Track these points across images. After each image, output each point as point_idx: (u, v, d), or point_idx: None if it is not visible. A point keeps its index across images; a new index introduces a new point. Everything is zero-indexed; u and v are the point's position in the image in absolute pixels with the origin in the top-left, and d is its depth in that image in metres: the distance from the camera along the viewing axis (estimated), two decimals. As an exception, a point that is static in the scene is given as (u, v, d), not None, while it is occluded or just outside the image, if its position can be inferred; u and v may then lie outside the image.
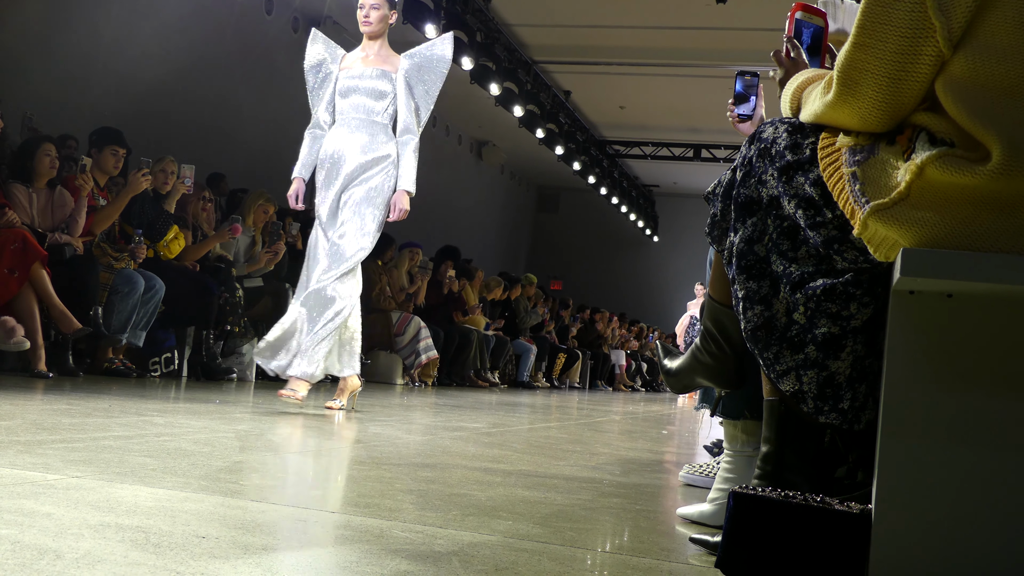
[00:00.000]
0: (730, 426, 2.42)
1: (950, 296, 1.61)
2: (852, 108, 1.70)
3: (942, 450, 1.60)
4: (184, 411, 4.20)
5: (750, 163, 1.91)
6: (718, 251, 2.04)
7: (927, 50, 1.61)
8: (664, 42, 12.63)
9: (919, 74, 1.63)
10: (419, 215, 16.12)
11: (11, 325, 5.27)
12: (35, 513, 1.72)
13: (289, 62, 12.22)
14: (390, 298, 9.91)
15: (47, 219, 6.02)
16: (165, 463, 2.50)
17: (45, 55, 8.11)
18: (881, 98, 1.66)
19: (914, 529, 1.60)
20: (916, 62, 1.62)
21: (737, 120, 2.85)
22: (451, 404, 7.05)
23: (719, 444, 3.91)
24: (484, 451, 3.66)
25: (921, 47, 1.61)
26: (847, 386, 1.80)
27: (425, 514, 2.10)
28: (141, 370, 6.52)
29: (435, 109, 5.90)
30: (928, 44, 1.61)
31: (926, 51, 1.61)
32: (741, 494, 1.70)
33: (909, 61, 1.63)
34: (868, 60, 1.66)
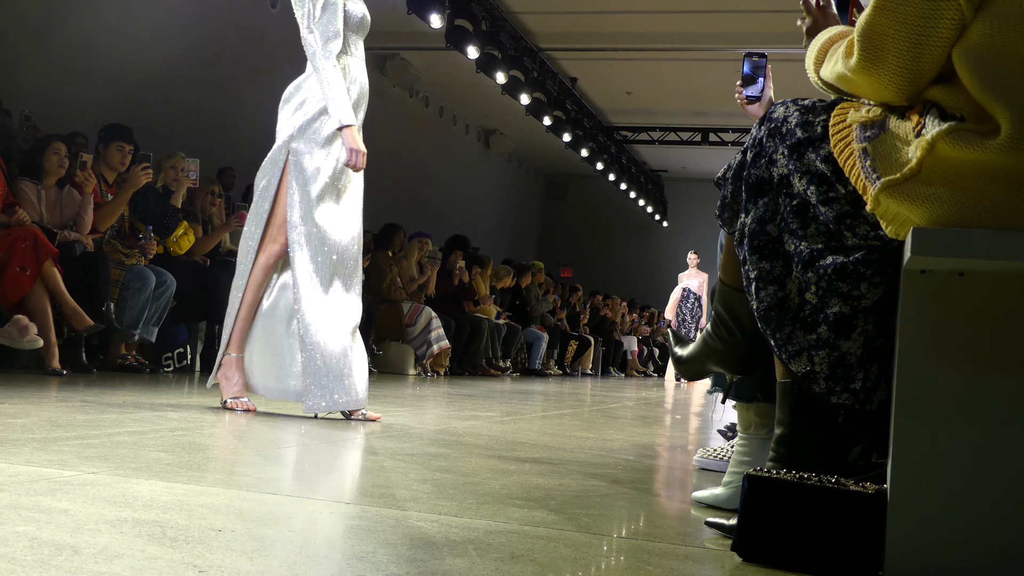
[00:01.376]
0: (743, 409, 2.42)
1: (961, 275, 1.61)
2: (873, 76, 1.68)
3: (956, 429, 1.60)
4: (198, 406, 4.21)
5: (760, 144, 1.91)
6: (729, 233, 2.04)
7: (948, 13, 1.60)
8: (670, 26, 12.58)
9: (940, 38, 1.61)
10: (428, 204, 16.14)
11: (24, 323, 5.28)
12: (52, 509, 1.72)
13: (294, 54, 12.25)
14: (400, 288, 9.92)
15: (56, 216, 6.04)
16: (180, 458, 2.51)
17: (43, 45, 8.10)
18: (902, 64, 1.64)
19: (929, 508, 1.60)
20: (937, 25, 1.60)
21: (745, 102, 2.84)
22: (463, 393, 7.06)
23: (732, 428, 3.91)
24: (497, 439, 3.67)
25: (943, 9, 1.60)
26: (858, 366, 1.79)
27: (440, 503, 2.10)
28: (154, 366, 6.54)
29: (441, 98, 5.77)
30: (950, 7, 1.59)
31: (948, 14, 1.60)
32: (756, 477, 1.70)
33: (931, 25, 1.61)
34: (889, 24, 1.64)
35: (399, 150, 14.95)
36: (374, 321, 9.22)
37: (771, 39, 10.49)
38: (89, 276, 5.92)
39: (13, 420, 3.09)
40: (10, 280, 5.41)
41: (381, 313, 9.58)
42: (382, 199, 13.96)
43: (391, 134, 14.63)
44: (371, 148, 4.34)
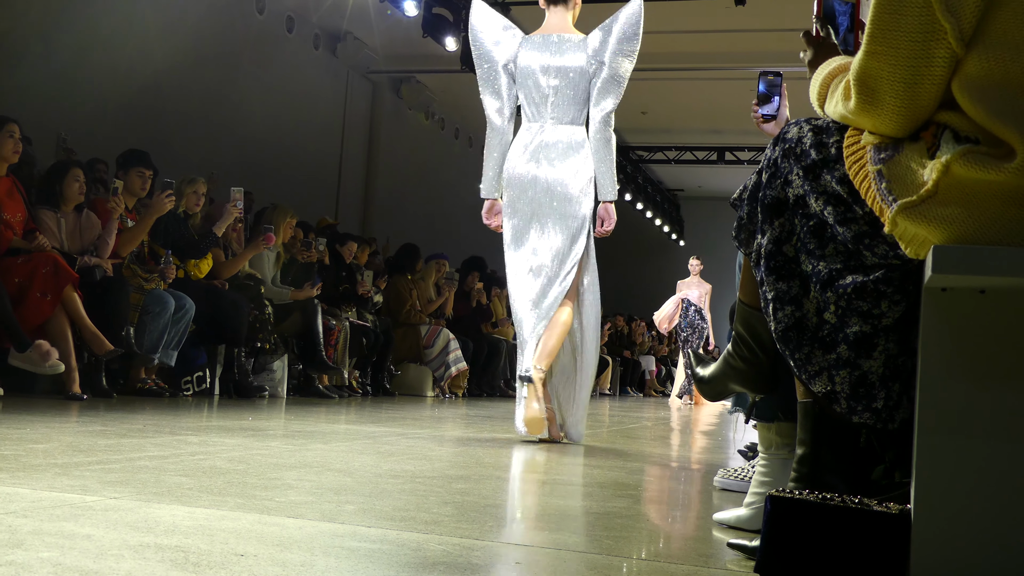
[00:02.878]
0: (764, 429, 2.41)
1: (983, 292, 1.60)
2: (872, 117, 1.69)
3: (980, 447, 1.59)
4: (217, 429, 4.22)
5: (775, 164, 1.91)
6: (745, 254, 2.03)
7: (940, 52, 1.60)
8: (684, 46, 12.60)
9: (935, 76, 1.61)
10: (444, 226, 16.16)
11: (46, 348, 5.31)
12: (75, 535, 1.73)
13: (309, 77, 12.32)
14: (419, 312, 9.93)
15: (76, 242, 6.07)
16: (201, 482, 2.51)
17: (44, 50, 8.16)
18: (900, 104, 1.65)
19: (954, 528, 1.59)
20: (930, 65, 1.61)
21: (761, 121, 2.84)
22: (482, 415, 7.05)
23: (753, 448, 3.89)
24: (517, 461, 3.66)
25: (933, 50, 1.60)
26: (880, 385, 1.79)
27: (461, 526, 2.10)
28: (174, 389, 6.56)
29: (457, 122, 5.86)
30: (940, 46, 1.59)
31: (939, 53, 1.60)
32: (778, 497, 1.70)
33: (923, 65, 1.61)
34: (882, 68, 1.64)
35: (415, 172, 15.00)
36: (392, 343, 9.23)
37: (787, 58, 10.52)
38: (109, 301, 5.95)
39: (35, 445, 3.10)
40: (31, 305, 5.45)
41: (399, 335, 9.60)
42: (398, 221, 14.01)
43: (407, 156, 14.69)
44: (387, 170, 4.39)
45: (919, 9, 1.59)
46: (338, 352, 8.23)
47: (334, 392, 8.06)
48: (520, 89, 4.63)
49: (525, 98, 4.63)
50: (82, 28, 8.55)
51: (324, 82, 12.72)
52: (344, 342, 8.33)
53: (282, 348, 7.51)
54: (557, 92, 4.55)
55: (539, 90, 4.58)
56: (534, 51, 4.60)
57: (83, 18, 8.59)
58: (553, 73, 4.56)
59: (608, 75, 4.57)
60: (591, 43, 4.60)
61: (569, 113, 4.57)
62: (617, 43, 4.58)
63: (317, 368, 7.92)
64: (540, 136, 4.56)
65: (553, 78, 4.56)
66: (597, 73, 4.56)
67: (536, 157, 4.54)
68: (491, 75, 4.68)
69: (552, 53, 4.58)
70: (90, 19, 8.67)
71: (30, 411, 4.50)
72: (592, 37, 4.62)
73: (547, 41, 4.61)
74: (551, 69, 4.56)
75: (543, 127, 4.58)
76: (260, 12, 11.10)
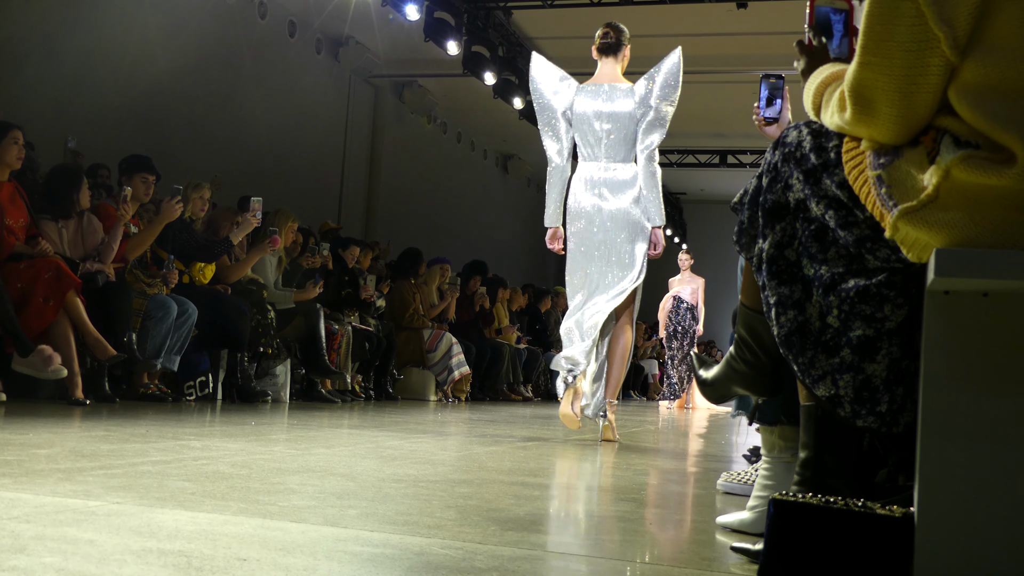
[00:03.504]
0: (767, 432, 2.40)
1: (986, 295, 1.60)
2: (869, 127, 1.68)
3: (984, 450, 1.59)
4: (220, 434, 4.22)
5: (775, 168, 1.90)
6: (747, 259, 2.03)
7: (934, 61, 1.59)
8: (686, 50, 12.52)
9: (930, 85, 1.61)
10: (447, 230, 16.18)
11: (48, 353, 5.32)
12: (78, 540, 1.73)
13: (311, 81, 12.33)
14: (422, 316, 9.93)
15: (77, 248, 6.07)
16: (204, 487, 2.51)
17: (48, 55, 8.18)
18: (896, 113, 1.64)
19: (958, 531, 1.58)
20: (925, 74, 1.60)
21: (764, 124, 2.84)
22: (485, 419, 7.05)
23: (756, 451, 3.89)
24: (520, 465, 3.66)
25: (928, 59, 1.59)
26: (884, 389, 1.78)
27: (464, 530, 2.10)
28: (176, 394, 6.56)
29: (459, 124, 6.03)
30: (934, 55, 1.59)
31: (933, 62, 1.59)
32: (782, 501, 1.69)
33: (918, 74, 1.60)
34: (877, 78, 1.64)
35: (417, 176, 15.01)
36: (395, 348, 9.24)
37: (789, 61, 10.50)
38: (111, 306, 5.95)
39: (38, 450, 3.10)
40: (34, 311, 5.45)
41: (402, 339, 9.60)
42: (401, 225, 14.02)
43: (409, 161, 14.70)
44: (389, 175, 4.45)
45: (912, 19, 1.58)
46: (341, 356, 8.23)
47: (337, 397, 8.06)
48: (576, 132, 5.24)
49: (581, 140, 5.23)
50: (85, 33, 8.57)
51: (326, 86, 12.74)
52: (347, 346, 8.33)
53: (285, 353, 7.52)
54: (609, 135, 5.16)
55: (593, 133, 5.18)
56: (588, 99, 5.22)
57: (86, 23, 8.61)
58: (605, 118, 5.17)
59: (653, 117, 5.16)
60: (638, 91, 5.20)
61: (620, 152, 5.17)
62: (660, 90, 5.19)
63: (320, 373, 7.92)
64: (599, 174, 5.18)
65: (606, 123, 5.16)
66: (643, 116, 5.15)
67: (599, 192, 5.16)
68: (551, 121, 5.28)
69: (604, 100, 5.18)
70: (93, 24, 8.68)
71: (33, 416, 4.50)
72: (638, 85, 5.21)
73: (599, 90, 5.22)
74: (603, 115, 5.17)
75: (600, 166, 5.18)
76: (262, 17, 11.12)
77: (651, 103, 5.15)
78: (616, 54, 5.32)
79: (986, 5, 1.58)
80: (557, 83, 5.36)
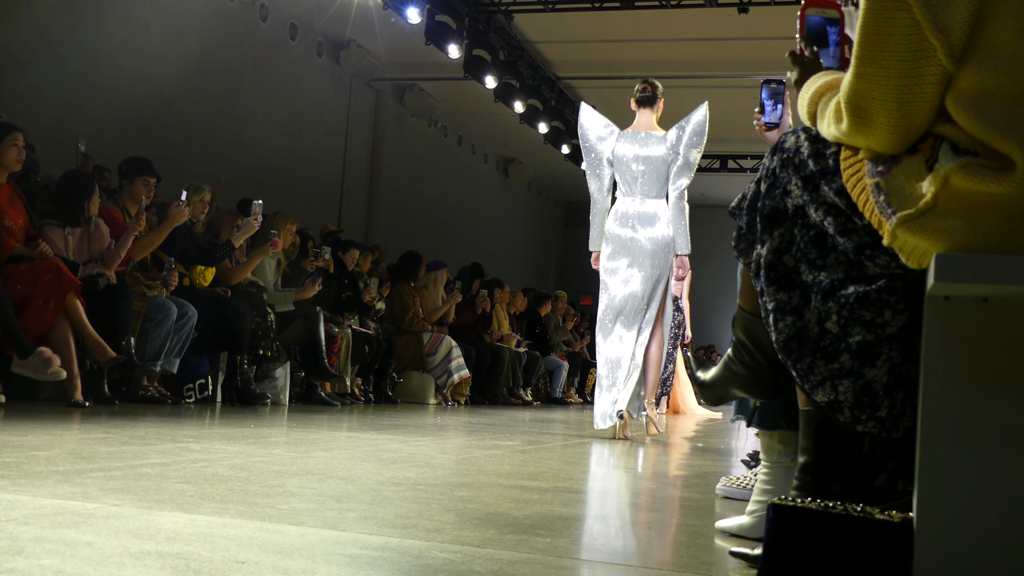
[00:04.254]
0: (766, 437, 2.40)
1: (986, 300, 1.60)
2: (866, 137, 1.68)
3: (983, 455, 1.59)
4: (219, 437, 4.22)
5: (773, 174, 1.90)
6: (745, 264, 2.03)
7: (931, 69, 1.59)
8: (687, 54, 12.62)
9: (926, 94, 1.61)
10: (447, 234, 16.18)
11: (48, 355, 5.31)
12: (76, 542, 1.73)
13: (312, 84, 12.34)
14: (422, 320, 9.93)
15: (83, 254, 6.07)
16: (203, 489, 2.51)
17: (52, 57, 8.19)
18: (893, 123, 1.64)
19: (957, 536, 1.58)
20: (921, 83, 1.60)
21: (764, 129, 2.84)
22: (484, 422, 7.05)
23: (755, 456, 3.88)
24: (519, 469, 3.66)
25: (924, 67, 1.59)
26: (884, 394, 1.78)
27: (463, 533, 2.10)
28: (176, 397, 6.56)
29: (460, 128, 6.20)
30: (931, 64, 1.58)
31: (930, 71, 1.59)
32: (781, 505, 1.69)
33: (914, 83, 1.60)
34: (873, 88, 1.63)
35: (418, 180, 15.01)
36: (395, 351, 9.23)
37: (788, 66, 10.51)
38: (112, 308, 5.94)
39: (36, 452, 3.10)
40: (33, 312, 5.45)
41: (402, 343, 9.59)
42: (401, 229, 14.02)
43: (410, 164, 14.71)
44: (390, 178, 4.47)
45: (907, 28, 1.58)
46: (340, 359, 8.23)
47: (336, 400, 8.06)
48: (616, 171, 6.09)
49: (620, 178, 6.08)
50: (88, 37, 8.58)
51: (327, 90, 12.75)
52: (347, 349, 8.33)
53: (284, 356, 7.51)
54: (644, 175, 6.01)
55: (631, 173, 6.03)
56: (627, 143, 6.07)
57: (89, 27, 8.62)
58: (641, 161, 6.02)
59: (681, 163, 5.99)
60: (669, 138, 6.04)
61: (653, 190, 6.02)
62: (688, 138, 6.03)
63: (319, 376, 7.92)
64: (633, 208, 6.00)
65: (641, 164, 6.02)
66: (674, 161, 6.00)
67: (632, 224, 5.98)
68: (596, 163, 6.16)
69: (640, 146, 6.04)
70: (96, 28, 8.70)
71: (32, 418, 4.50)
72: (670, 133, 6.05)
73: (637, 136, 6.09)
74: (640, 158, 6.02)
75: (634, 200, 6.02)
76: (263, 20, 11.13)
77: (680, 150, 5.99)
78: (652, 106, 6.18)
79: (981, 13, 1.57)
80: (602, 130, 6.20)
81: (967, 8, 1.57)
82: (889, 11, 1.59)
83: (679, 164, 5.99)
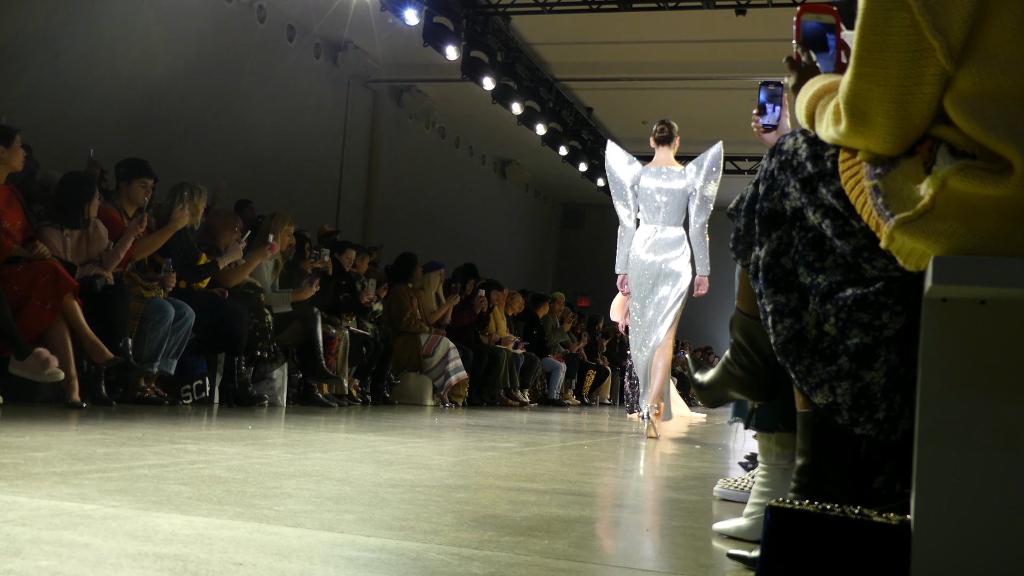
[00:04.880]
0: (764, 439, 2.40)
1: (983, 303, 1.60)
2: (865, 138, 1.68)
3: (981, 458, 1.59)
4: (217, 438, 4.21)
5: (772, 176, 1.90)
6: (743, 266, 2.03)
7: (929, 70, 1.59)
8: (685, 56, 12.62)
9: (925, 94, 1.60)
10: (445, 235, 16.17)
11: (45, 356, 5.31)
12: (73, 544, 1.73)
13: (310, 85, 12.33)
14: (420, 321, 9.92)
15: (81, 255, 6.06)
16: (200, 491, 2.51)
17: (48, 55, 8.18)
18: (892, 124, 1.63)
19: (954, 539, 1.58)
20: (920, 83, 1.60)
21: (762, 130, 2.84)
22: (482, 424, 7.05)
23: (753, 458, 3.88)
24: (517, 470, 3.66)
25: (923, 68, 1.59)
26: (882, 396, 1.78)
27: (460, 535, 2.09)
28: (173, 398, 6.55)
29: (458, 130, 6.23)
30: (929, 64, 1.58)
31: (929, 71, 1.59)
32: (778, 508, 1.69)
33: (913, 83, 1.60)
34: (871, 89, 1.63)
35: (415, 181, 15.02)
36: (392, 352, 9.23)
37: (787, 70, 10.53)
38: (109, 309, 5.93)
39: (34, 453, 3.10)
40: (31, 313, 5.44)
41: (399, 344, 9.59)
42: (398, 230, 14.02)
43: (407, 165, 14.70)
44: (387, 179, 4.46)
45: (906, 28, 1.58)
46: (338, 361, 8.23)
47: (334, 401, 8.06)
48: (640, 202, 6.81)
49: (644, 208, 6.80)
50: (85, 38, 8.58)
51: (325, 91, 12.75)
52: (344, 351, 8.32)
53: (282, 357, 7.51)
54: (666, 205, 6.74)
55: (653, 203, 6.76)
56: (650, 177, 6.78)
57: (86, 28, 8.62)
58: (663, 193, 6.75)
59: (700, 201, 6.71)
60: (688, 173, 6.75)
61: (673, 219, 6.76)
62: (706, 173, 6.72)
63: (317, 377, 7.91)
64: (654, 235, 6.75)
65: (664, 196, 6.74)
66: (693, 196, 6.72)
67: (655, 249, 6.74)
68: (622, 194, 6.88)
69: (662, 180, 6.76)
70: (93, 29, 8.69)
71: (29, 419, 4.50)
72: (688, 169, 6.76)
73: (659, 171, 6.79)
74: (662, 190, 6.75)
75: (656, 228, 6.76)
76: (261, 21, 11.13)
77: (697, 186, 6.70)
78: (669, 144, 6.86)
79: (980, 14, 1.57)
80: (626, 165, 6.93)
81: (966, 8, 1.57)
82: (888, 11, 1.59)
83: (698, 203, 6.72)
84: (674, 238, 6.76)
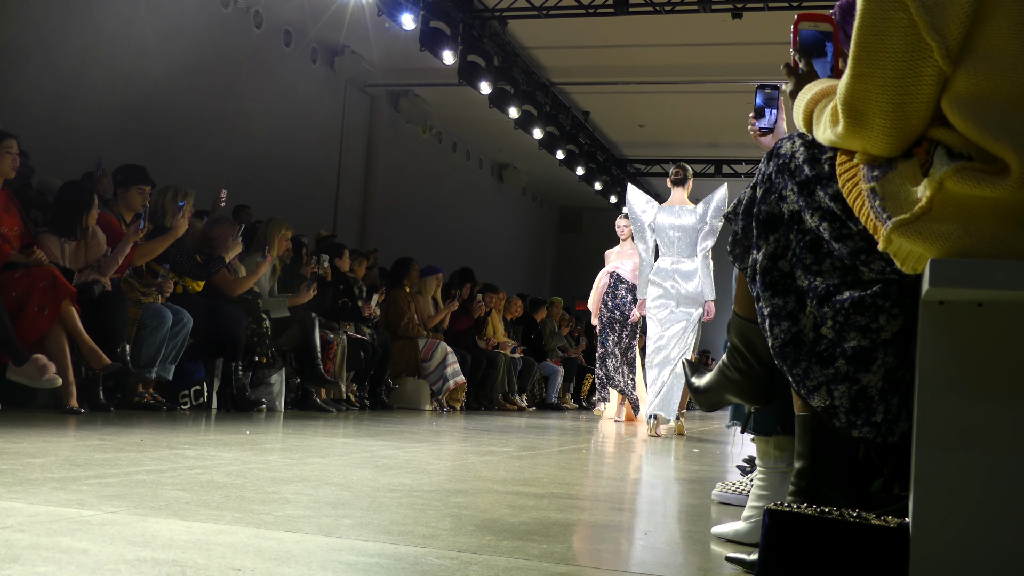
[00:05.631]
0: (762, 442, 2.40)
1: (980, 305, 1.60)
2: (863, 139, 1.68)
3: (978, 460, 1.59)
4: (215, 443, 4.21)
5: (769, 179, 1.91)
6: (740, 269, 2.03)
7: (927, 71, 1.59)
8: (681, 59, 12.63)
9: (923, 95, 1.61)
10: (442, 239, 16.15)
11: (43, 362, 5.30)
12: (72, 550, 1.72)
13: (307, 90, 12.34)
14: (418, 326, 9.91)
15: (79, 261, 6.05)
16: (198, 496, 2.51)
17: (42, 61, 8.18)
18: (889, 125, 1.64)
19: (952, 541, 1.58)
20: (918, 84, 1.60)
21: (759, 133, 2.84)
22: (480, 428, 7.04)
23: (751, 461, 3.88)
24: (515, 475, 3.65)
25: (920, 68, 1.59)
26: (880, 399, 1.78)
27: (459, 540, 2.09)
28: (171, 403, 6.54)
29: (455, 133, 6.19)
30: (927, 64, 1.59)
31: (926, 72, 1.59)
32: (777, 511, 1.69)
33: (911, 84, 1.60)
34: (869, 89, 1.63)
35: (412, 185, 15.01)
36: (390, 356, 9.22)
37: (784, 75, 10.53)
38: (107, 315, 5.92)
39: (32, 460, 3.09)
40: (28, 319, 5.44)
41: (397, 349, 9.58)
42: (396, 235, 14.02)
43: (405, 169, 14.70)
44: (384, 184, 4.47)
45: (904, 29, 1.58)
46: (336, 365, 8.22)
47: (332, 406, 8.05)
48: (657, 236, 7.69)
49: (660, 242, 7.67)
50: (81, 42, 8.57)
51: (322, 95, 12.74)
52: (342, 355, 8.31)
53: (280, 362, 7.50)
54: (680, 240, 7.57)
55: (669, 238, 7.61)
56: (665, 215, 7.63)
57: (82, 32, 8.61)
58: (677, 229, 7.58)
59: (707, 231, 7.50)
60: (698, 210, 7.56)
61: (687, 251, 7.57)
62: (713, 211, 7.50)
63: (315, 382, 7.90)
64: (671, 266, 7.57)
65: (677, 232, 7.58)
66: (701, 229, 7.52)
67: (672, 277, 7.55)
68: (641, 230, 7.80)
69: (676, 217, 7.60)
70: (89, 33, 8.69)
71: (27, 425, 4.49)
72: (698, 207, 7.56)
73: (672, 210, 7.65)
74: (676, 227, 7.58)
75: (672, 259, 7.59)
76: (258, 26, 11.13)
77: (707, 220, 7.50)
78: (683, 185, 7.72)
79: (977, 14, 1.58)
80: (644, 204, 7.83)
81: (964, 9, 1.57)
82: (887, 11, 1.59)
83: (706, 231, 7.50)
84: (688, 269, 7.57)
